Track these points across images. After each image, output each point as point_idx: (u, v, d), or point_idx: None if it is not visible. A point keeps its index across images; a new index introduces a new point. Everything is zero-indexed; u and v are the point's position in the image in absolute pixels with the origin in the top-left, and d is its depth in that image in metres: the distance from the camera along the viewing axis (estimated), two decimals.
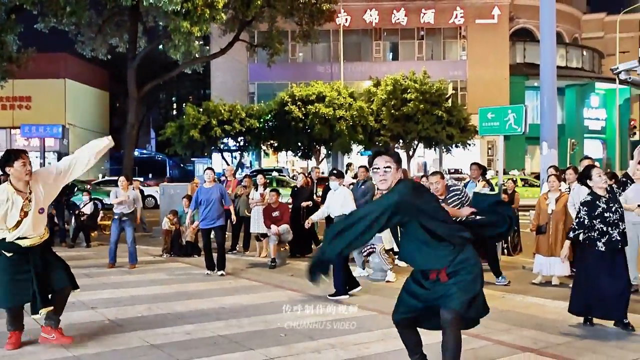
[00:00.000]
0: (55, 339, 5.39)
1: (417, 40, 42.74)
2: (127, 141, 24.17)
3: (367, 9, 41.35)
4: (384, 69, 39.73)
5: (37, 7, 17.34)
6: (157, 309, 6.97)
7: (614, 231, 5.90)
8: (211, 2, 17.60)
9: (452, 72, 41.49)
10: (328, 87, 32.98)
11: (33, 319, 5.44)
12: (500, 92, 39.47)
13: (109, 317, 6.55)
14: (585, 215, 6.01)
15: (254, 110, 33.66)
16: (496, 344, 5.48)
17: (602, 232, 5.92)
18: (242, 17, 22.76)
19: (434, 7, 41.42)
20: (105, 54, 25.48)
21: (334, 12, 25.97)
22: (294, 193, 12.25)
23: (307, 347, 5.38)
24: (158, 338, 5.66)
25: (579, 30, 52.13)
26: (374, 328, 6.06)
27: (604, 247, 5.90)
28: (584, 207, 6.08)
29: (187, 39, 17.76)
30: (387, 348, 5.34)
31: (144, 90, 24.01)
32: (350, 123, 31.85)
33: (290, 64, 41.67)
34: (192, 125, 31.56)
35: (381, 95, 33.66)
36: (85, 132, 40.11)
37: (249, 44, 26.94)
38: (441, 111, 32.62)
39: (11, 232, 5.13)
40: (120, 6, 19.70)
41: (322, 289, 8.04)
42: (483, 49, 41.30)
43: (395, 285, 8.48)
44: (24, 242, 5.16)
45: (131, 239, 10.20)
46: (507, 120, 10.54)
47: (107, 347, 5.39)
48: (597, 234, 5.95)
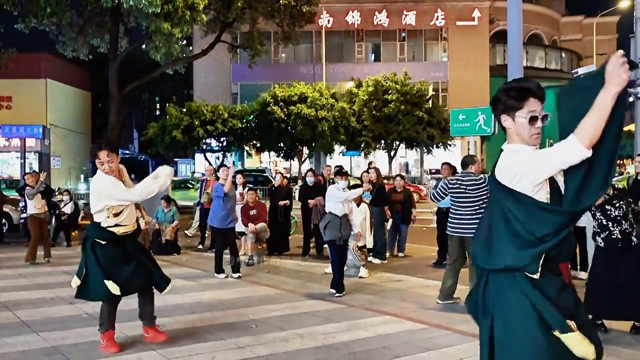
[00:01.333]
0: (151, 337, 5.49)
1: (399, 42, 43.17)
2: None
3: (349, 10, 41.71)
4: (365, 70, 40.12)
5: (17, 8, 17.35)
6: (134, 304, 7.16)
7: (614, 228, 5.77)
8: (192, 4, 17.74)
9: (433, 74, 41.97)
10: (310, 88, 33.28)
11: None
12: (481, 93, 39.95)
13: (86, 311, 6.76)
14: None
15: (236, 111, 33.85)
16: (455, 333, 5.79)
17: (602, 225, 5.83)
18: (223, 19, 22.89)
19: (415, 9, 41.89)
20: (87, 55, 25.48)
21: (314, 14, 26.17)
22: (271, 192, 12.50)
23: (276, 337, 5.65)
24: (135, 330, 5.89)
25: (557, 32, 52.93)
26: (342, 320, 6.34)
27: (603, 243, 5.83)
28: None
29: (168, 40, 17.88)
30: (352, 337, 5.62)
31: (125, 91, 24.06)
32: (332, 124, 32.19)
33: (272, 64, 41.88)
34: (174, 126, 31.69)
35: (363, 96, 34.03)
36: (66, 132, 39.99)
37: (230, 45, 27.06)
38: (422, 112, 33.08)
39: (111, 219, 5.14)
40: (102, 7, 19.76)
41: (294, 284, 8.35)
42: (464, 50, 41.82)
43: (367, 280, 8.79)
44: (119, 229, 5.18)
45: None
46: (477, 121, 10.86)
47: (84, 338, 5.62)
48: (597, 225, 5.89)
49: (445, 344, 5.41)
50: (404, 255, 11.41)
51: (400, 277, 9.04)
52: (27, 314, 6.61)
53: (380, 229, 10.69)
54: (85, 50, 25.03)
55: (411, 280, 8.80)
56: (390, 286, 8.39)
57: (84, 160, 44.62)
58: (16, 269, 10.08)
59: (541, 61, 46.30)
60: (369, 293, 7.87)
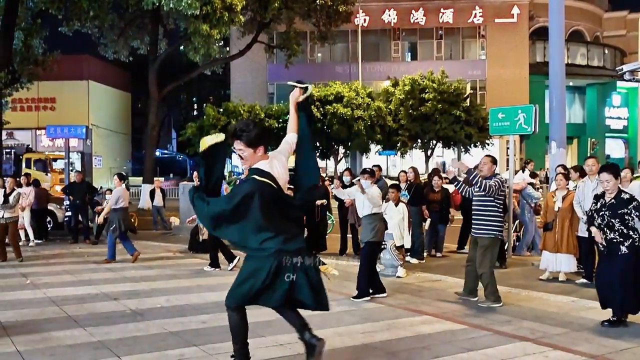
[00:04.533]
0: None
1: (436, 40, 42.75)
2: (148, 142, 24.72)
3: (386, 9, 41.49)
4: (402, 69, 39.87)
5: (62, 11, 17.84)
6: (175, 301, 7.33)
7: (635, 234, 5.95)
8: (230, 5, 17.98)
9: (471, 72, 41.43)
10: (346, 87, 33.26)
11: None
12: (520, 91, 39.32)
13: (130, 307, 6.93)
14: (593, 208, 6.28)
15: (273, 111, 34.02)
16: (495, 334, 5.74)
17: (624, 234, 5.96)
18: (260, 19, 23.15)
19: (452, 7, 41.42)
20: (127, 56, 26.08)
21: (350, 14, 26.21)
22: None
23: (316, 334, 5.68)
24: (176, 326, 6.02)
25: (600, 28, 51.62)
26: (380, 319, 6.35)
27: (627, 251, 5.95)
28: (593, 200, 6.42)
29: (207, 42, 18.17)
30: (391, 337, 5.63)
31: (164, 91, 24.56)
32: (368, 123, 32.11)
33: (308, 64, 41.93)
34: (212, 126, 32.04)
35: (399, 95, 33.84)
36: (107, 132, 40.87)
37: (267, 45, 27.30)
38: (459, 111, 32.72)
39: None
40: (142, 9, 20.19)
41: (333, 284, 8.37)
42: (502, 48, 41.18)
43: (405, 280, 8.77)
44: None
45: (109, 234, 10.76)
46: (517, 120, 10.73)
47: (128, 333, 5.77)
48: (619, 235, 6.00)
49: (486, 345, 5.37)
50: (441, 255, 11.36)
51: (439, 277, 8.99)
52: (74, 309, 6.81)
53: (418, 229, 10.65)
54: (126, 52, 25.61)
55: (449, 280, 8.74)
56: (429, 286, 8.36)
57: (124, 159, 45.65)
58: (62, 265, 10.38)
59: (583, 58, 45.21)
60: (407, 293, 7.85)
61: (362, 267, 7.54)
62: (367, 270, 7.50)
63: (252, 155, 4.07)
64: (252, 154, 4.07)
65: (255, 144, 4.06)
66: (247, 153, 4.06)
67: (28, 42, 17.40)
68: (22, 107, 37.75)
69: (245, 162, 4.12)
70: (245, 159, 4.10)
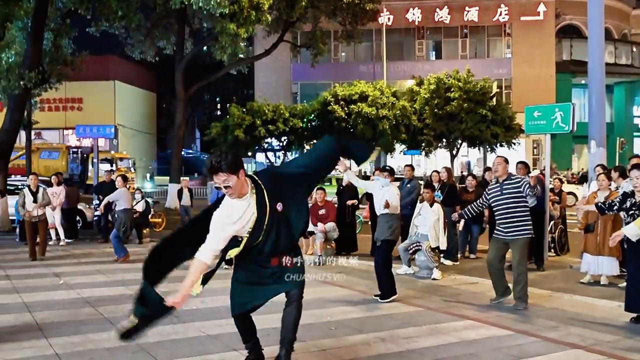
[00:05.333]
0: None
1: (461, 39, 42.33)
2: (175, 141, 24.80)
3: (410, 7, 41.18)
4: (426, 67, 39.53)
5: (90, 12, 17.94)
6: (210, 302, 7.21)
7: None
8: (257, 4, 17.91)
9: (496, 71, 40.95)
10: (371, 86, 33.04)
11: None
12: (546, 90, 38.73)
13: None
14: (617, 201, 6.18)
15: (297, 110, 33.92)
16: (544, 340, 5.53)
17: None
18: (286, 18, 23.06)
19: (477, 5, 40.96)
20: (154, 56, 26.19)
21: (377, 12, 26.04)
22: (339, 192, 12.41)
23: (357, 340, 5.55)
24: (214, 329, 5.91)
25: (628, 25, 50.68)
26: (422, 323, 6.18)
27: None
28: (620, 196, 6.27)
29: (234, 41, 18.13)
30: (436, 342, 5.45)
31: (190, 91, 24.62)
32: (393, 122, 31.85)
33: (333, 63, 41.80)
34: (236, 125, 32.02)
35: (424, 94, 33.51)
36: (133, 132, 41.17)
37: (292, 44, 27.22)
38: (485, 110, 32.29)
39: None
40: (169, 9, 20.23)
41: (366, 285, 8.22)
42: (528, 46, 40.62)
43: (441, 282, 8.59)
44: None
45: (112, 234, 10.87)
46: (554, 118, 10.45)
47: (166, 336, 5.67)
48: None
49: (535, 352, 5.17)
50: (475, 257, 11.14)
51: (475, 280, 8.78)
52: (109, 311, 6.74)
53: (451, 230, 10.44)
54: (152, 52, 25.72)
55: (486, 283, 8.48)
56: (466, 289, 8.17)
57: (150, 159, 45.98)
58: (93, 265, 10.37)
59: (610, 56, 44.30)
60: (445, 296, 7.67)
61: (379, 267, 7.42)
62: (385, 269, 7.41)
63: (237, 181, 3.96)
64: (236, 180, 3.96)
65: (237, 168, 3.95)
66: (232, 181, 3.94)
67: (57, 43, 17.48)
68: (50, 107, 38.19)
69: (233, 192, 4.00)
70: (233, 188, 3.98)
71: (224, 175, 3.91)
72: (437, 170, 11.51)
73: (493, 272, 7.18)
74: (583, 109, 29.85)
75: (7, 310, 6.77)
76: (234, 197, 4.03)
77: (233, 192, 3.99)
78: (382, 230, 7.52)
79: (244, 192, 4.05)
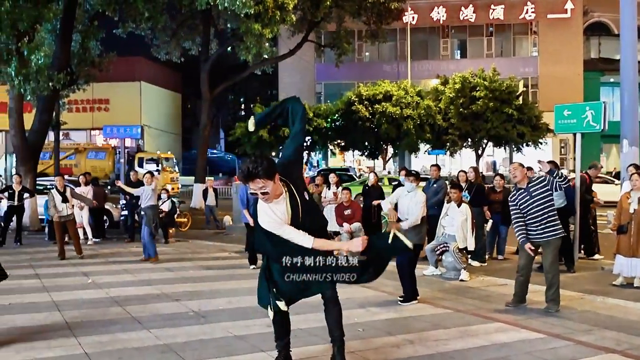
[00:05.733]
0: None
1: (486, 37, 41.90)
2: (200, 141, 24.93)
3: (435, 6, 40.88)
4: (451, 66, 39.20)
5: (117, 13, 18.11)
6: (237, 302, 7.22)
7: None
8: (281, 4, 17.90)
9: (522, 69, 40.45)
10: (395, 86, 32.86)
11: None
12: (574, 88, 38.13)
13: (192, 308, 6.86)
14: None
15: (321, 110, 33.90)
16: (578, 344, 5.40)
17: None
18: (310, 18, 23.03)
19: (503, 3, 40.50)
20: (179, 57, 26.38)
21: (401, 11, 25.89)
22: (365, 192, 12.34)
23: (385, 342, 5.48)
24: (241, 330, 5.89)
25: None
26: (451, 325, 6.09)
27: None
28: None
29: (258, 41, 18.15)
30: (466, 345, 5.36)
31: (216, 92, 24.72)
32: (417, 122, 31.64)
33: (356, 63, 41.70)
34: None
35: (449, 94, 33.24)
36: (159, 132, 41.56)
37: (317, 44, 27.19)
38: (511, 109, 31.89)
39: None
40: (194, 10, 20.34)
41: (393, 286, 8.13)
42: (555, 44, 40.03)
43: (469, 284, 8.47)
44: None
45: (145, 231, 10.73)
46: (584, 117, 10.24)
47: (194, 337, 5.67)
48: None
49: (569, 357, 5.05)
50: (503, 258, 10.96)
51: (504, 281, 8.63)
52: (137, 310, 6.77)
53: (479, 231, 10.29)
54: (178, 53, 25.90)
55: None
56: (495, 290, 8.04)
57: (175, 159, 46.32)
58: (121, 264, 10.45)
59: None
60: (473, 297, 7.56)
61: (404, 269, 7.33)
62: (409, 272, 7.34)
63: (273, 186, 3.95)
64: (273, 184, 3.94)
65: (273, 173, 3.93)
66: (269, 186, 3.92)
67: (85, 44, 17.67)
68: (78, 108, 38.78)
69: (269, 197, 3.97)
70: (270, 193, 3.95)
71: (261, 181, 3.87)
72: (464, 170, 11.34)
73: (519, 279, 7.06)
74: (612, 107, 29.34)
75: (38, 309, 6.84)
76: (270, 202, 4.00)
77: (269, 197, 3.96)
78: (410, 235, 7.38)
79: (278, 194, 4.03)
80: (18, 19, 13.62)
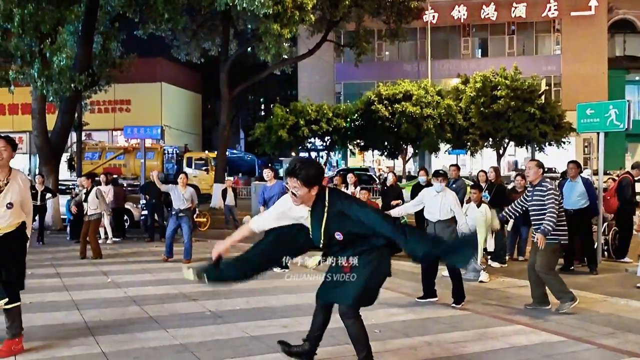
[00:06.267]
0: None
1: (508, 36, 41.48)
2: (220, 142, 25.05)
3: (455, 5, 40.59)
4: (472, 65, 38.88)
5: (138, 15, 18.27)
6: (254, 303, 7.21)
7: None
8: (300, 4, 17.91)
9: (545, 68, 39.96)
10: (415, 85, 32.68)
11: None
12: (598, 87, 37.59)
13: (209, 308, 6.86)
14: None
15: (340, 110, 33.85)
16: (600, 347, 5.29)
17: None
18: (329, 18, 23.01)
19: (525, 1, 40.06)
20: (199, 58, 26.54)
21: (421, 10, 25.73)
22: (383, 192, 12.26)
23: (403, 343, 5.42)
24: (257, 330, 5.87)
25: None
26: (470, 327, 6.00)
27: None
28: None
29: (278, 41, 18.18)
30: (485, 348, 5.28)
31: (235, 92, 24.82)
32: (437, 121, 31.43)
33: (376, 62, 41.57)
34: (280, 126, 32.17)
35: (470, 93, 32.97)
36: (179, 133, 41.84)
37: (336, 44, 27.15)
38: (534, 108, 31.54)
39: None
40: (214, 11, 20.44)
41: (412, 287, 8.06)
42: (579, 42, 39.49)
43: (489, 285, 8.36)
44: None
45: (187, 235, 10.66)
46: (608, 116, 10.08)
47: (210, 336, 5.66)
48: None
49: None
50: (524, 259, 10.80)
51: (524, 283, 8.45)
52: (155, 310, 6.80)
53: (500, 231, 10.16)
54: (198, 54, 26.05)
55: None
56: (515, 292, 7.92)
57: None
58: (140, 264, 10.52)
59: None
60: (493, 299, 7.46)
61: (430, 268, 7.25)
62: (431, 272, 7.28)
63: (306, 194, 3.97)
64: (306, 192, 3.96)
65: (311, 184, 3.96)
66: (301, 192, 3.96)
67: (106, 46, 17.88)
68: (100, 109, 39.22)
69: (297, 200, 4.01)
70: (299, 197, 3.99)
71: (296, 182, 3.94)
72: (484, 170, 11.22)
73: (532, 278, 6.98)
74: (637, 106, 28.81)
75: (58, 308, 6.90)
76: (297, 204, 4.08)
77: (297, 200, 4.03)
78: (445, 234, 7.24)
79: (307, 204, 4.07)
80: (41, 21, 13.81)
